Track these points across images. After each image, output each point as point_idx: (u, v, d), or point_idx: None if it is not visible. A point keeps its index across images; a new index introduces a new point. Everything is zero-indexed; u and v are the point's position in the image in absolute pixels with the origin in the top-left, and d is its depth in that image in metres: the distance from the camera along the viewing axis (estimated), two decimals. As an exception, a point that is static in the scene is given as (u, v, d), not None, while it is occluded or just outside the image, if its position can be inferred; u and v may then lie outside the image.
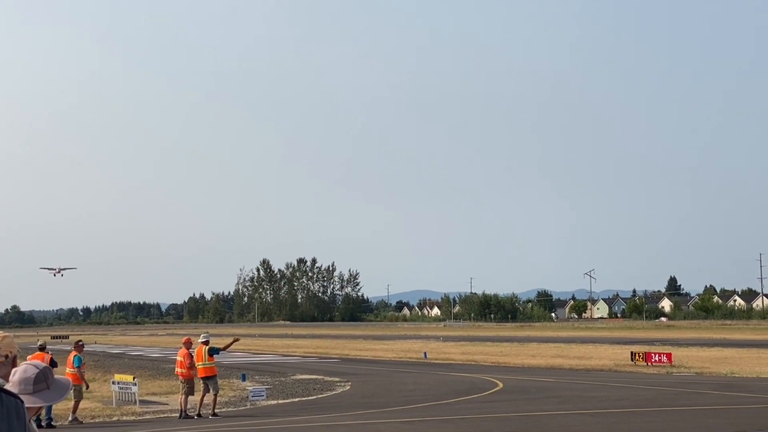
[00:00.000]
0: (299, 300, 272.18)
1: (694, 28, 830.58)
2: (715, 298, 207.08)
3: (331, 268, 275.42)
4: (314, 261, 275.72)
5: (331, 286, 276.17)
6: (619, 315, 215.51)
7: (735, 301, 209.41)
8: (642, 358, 39.45)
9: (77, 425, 22.45)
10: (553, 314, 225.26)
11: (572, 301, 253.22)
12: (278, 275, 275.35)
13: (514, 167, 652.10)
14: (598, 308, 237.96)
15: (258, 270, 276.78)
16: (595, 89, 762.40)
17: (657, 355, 39.47)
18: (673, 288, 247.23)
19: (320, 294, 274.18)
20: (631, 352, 41.83)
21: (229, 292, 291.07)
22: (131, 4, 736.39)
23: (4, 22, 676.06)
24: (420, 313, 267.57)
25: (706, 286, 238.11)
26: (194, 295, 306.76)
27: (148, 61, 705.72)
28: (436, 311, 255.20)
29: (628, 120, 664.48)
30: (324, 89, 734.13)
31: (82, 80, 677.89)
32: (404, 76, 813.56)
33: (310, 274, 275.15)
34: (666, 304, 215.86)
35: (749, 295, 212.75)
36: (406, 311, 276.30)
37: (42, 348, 23.82)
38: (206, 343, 24.18)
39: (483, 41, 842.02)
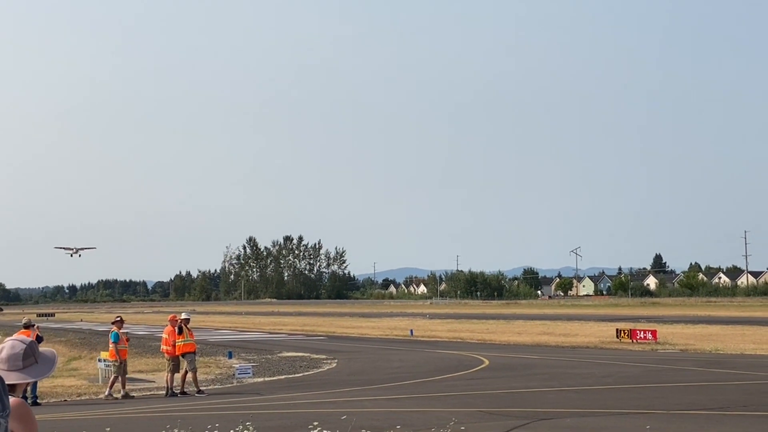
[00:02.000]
0: (286, 277, 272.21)
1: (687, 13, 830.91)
2: (700, 276, 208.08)
3: (317, 246, 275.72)
4: (301, 239, 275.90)
5: (318, 263, 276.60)
6: (604, 292, 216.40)
7: (720, 278, 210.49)
8: (627, 335, 39.64)
9: (125, 400, 22.37)
10: (539, 292, 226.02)
11: (558, 279, 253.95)
12: (265, 253, 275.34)
13: (499, 147, 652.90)
14: (584, 286, 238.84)
15: (244, 248, 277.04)
16: (579, 69, 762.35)
17: (642, 332, 39.66)
18: (659, 265, 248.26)
19: (307, 272, 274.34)
20: (617, 329, 42.01)
21: (216, 270, 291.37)
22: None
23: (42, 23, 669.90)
24: (406, 290, 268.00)
25: (691, 264, 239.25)
26: (181, 272, 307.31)
27: (151, 44, 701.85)
28: (422, 289, 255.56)
29: (613, 99, 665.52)
30: (314, 68, 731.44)
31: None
32: (398, 59, 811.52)
33: (296, 251, 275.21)
34: (651, 282, 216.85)
35: (734, 272, 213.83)
36: (392, 289, 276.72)
37: (27, 326, 23.69)
38: (187, 321, 24.15)
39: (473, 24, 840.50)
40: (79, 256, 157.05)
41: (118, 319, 24.61)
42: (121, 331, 23.99)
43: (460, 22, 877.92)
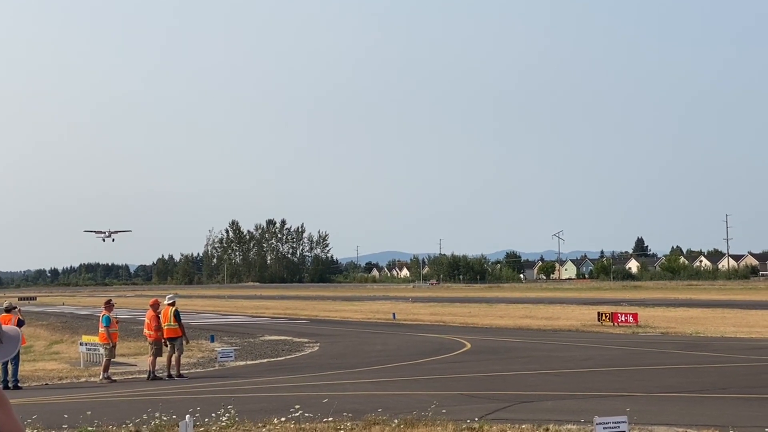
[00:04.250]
0: (268, 261, 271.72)
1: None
2: (682, 259, 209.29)
3: (300, 230, 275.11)
4: (283, 222, 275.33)
5: (301, 247, 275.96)
6: (586, 276, 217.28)
7: (701, 261, 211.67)
8: (609, 319, 39.78)
9: (110, 383, 22.30)
10: (521, 275, 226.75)
11: (541, 263, 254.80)
12: (247, 236, 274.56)
13: (482, 130, 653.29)
14: (566, 269, 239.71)
15: (227, 231, 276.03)
16: (559, 55, 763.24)
17: (623, 316, 39.81)
18: (640, 249, 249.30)
19: (289, 255, 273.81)
20: (598, 313, 42.14)
21: (198, 254, 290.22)
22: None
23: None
24: (389, 274, 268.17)
25: (672, 247, 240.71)
26: (163, 256, 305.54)
27: (149, 38, 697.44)
28: (405, 272, 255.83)
29: (598, 84, 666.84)
30: (297, 54, 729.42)
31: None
32: (382, 45, 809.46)
33: (279, 235, 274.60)
34: (633, 265, 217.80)
35: (715, 255, 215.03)
36: (375, 272, 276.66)
37: (8, 309, 23.59)
38: (172, 304, 24.04)
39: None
40: (113, 240, 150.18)
41: (111, 303, 24.44)
42: (111, 314, 23.90)
43: (444, 10, 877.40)
